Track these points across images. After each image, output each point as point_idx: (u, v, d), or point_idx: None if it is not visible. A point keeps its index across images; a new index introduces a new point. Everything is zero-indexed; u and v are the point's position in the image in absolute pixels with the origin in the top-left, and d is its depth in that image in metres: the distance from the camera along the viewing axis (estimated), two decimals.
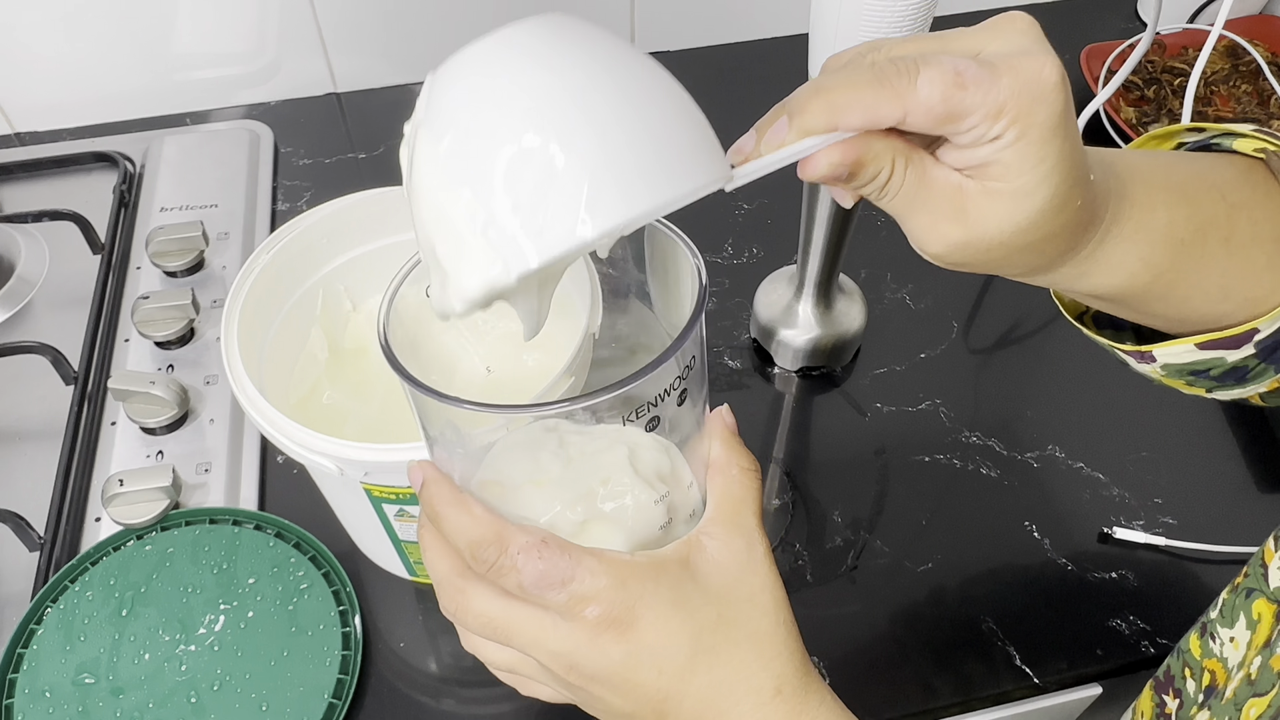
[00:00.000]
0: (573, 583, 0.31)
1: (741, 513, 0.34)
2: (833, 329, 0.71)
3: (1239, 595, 0.40)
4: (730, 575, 0.33)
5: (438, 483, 0.33)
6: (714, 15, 0.99)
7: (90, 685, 0.55)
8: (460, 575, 0.33)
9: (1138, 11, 1.06)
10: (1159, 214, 0.36)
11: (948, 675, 0.58)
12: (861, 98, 0.31)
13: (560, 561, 0.31)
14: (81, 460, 0.66)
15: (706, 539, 0.34)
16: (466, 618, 0.33)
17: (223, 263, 0.78)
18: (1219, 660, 0.40)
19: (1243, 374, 0.40)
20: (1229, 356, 0.39)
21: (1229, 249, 0.37)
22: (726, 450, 0.35)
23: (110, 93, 0.92)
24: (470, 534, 0.32)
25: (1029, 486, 0.67)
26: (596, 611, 0.31)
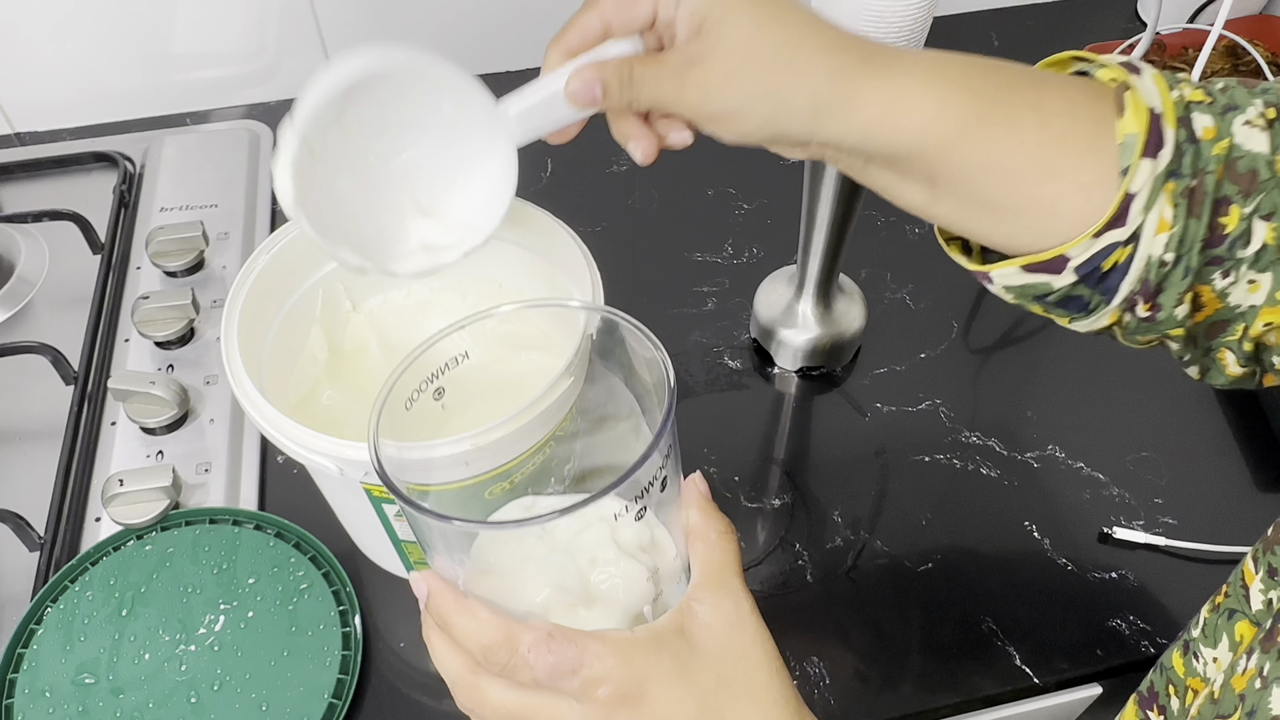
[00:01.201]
0: (583, 669, 0.33)
1: (725, 575, 0.37)
2: (833, 329, 0.71)
3: (1221, 615, 0.40)
4: (723, 636, 0.36)
5: (442, 593, 0.36)
6: None
7: (90, 685, 0.55)
8: (473, 673, 0.35)
9: (1138, 11, 1.06)
10: (952, 67, 0.38)
11: (948, 675, 0.58)
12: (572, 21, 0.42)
13: (569, 651, 0.33)
14: (81, 460, 0.66)
15: (697, 604, 0.36)
16: (485, 711, 0.36)
17: (223, 263, 0.78)
18: (1202, 680, 0.40)
19: (1083, 304, 0.40)
20: (1055, 282, 0.39)
21: (1040, 115, 0.38)
22: (703, 517, 0.38)
23: (110, 93, 0.92)
24: (480, 639, 0.34)
25: (1029, 486, 0.67)
26: (608, 691, 0.34)
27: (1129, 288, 0.38)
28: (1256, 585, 0.38)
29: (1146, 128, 0.36)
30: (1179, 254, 0.37)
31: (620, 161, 0.88)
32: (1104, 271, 0.38)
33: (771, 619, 0.42)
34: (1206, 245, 0.37)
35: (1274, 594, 0.37)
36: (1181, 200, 0.36)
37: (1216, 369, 0.41)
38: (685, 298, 0.78)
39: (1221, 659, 0.39)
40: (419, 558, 0.58)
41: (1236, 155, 0.37)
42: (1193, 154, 0.36)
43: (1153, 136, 0.36)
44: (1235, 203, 0.37)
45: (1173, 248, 0.37)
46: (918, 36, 0.51)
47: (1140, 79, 0.38)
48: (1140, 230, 0.37)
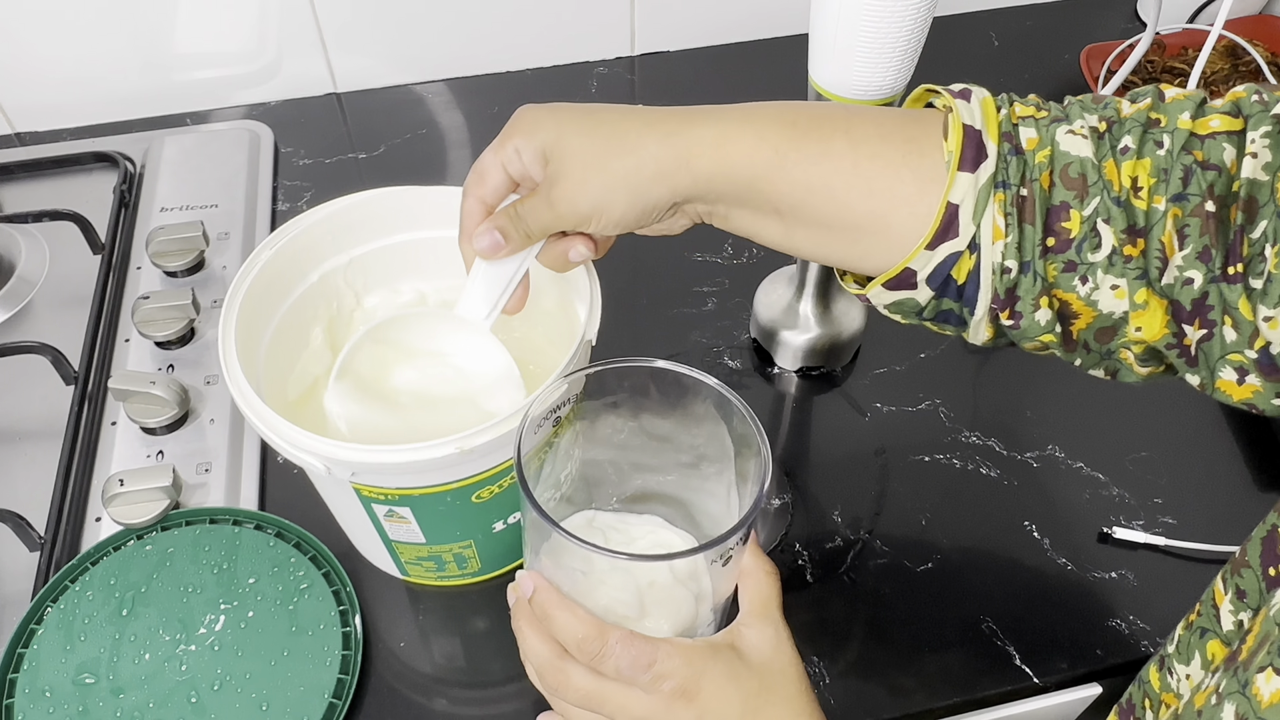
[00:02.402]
0: (655, 664, 0.41)
1: (769, 607, 0.45)
2: (833, 329, 0.71)
3: (1194, 634, 0.40)
4: (766, 654, 0.44)
5: (547, 590, 0.43)
6: (714, 15, 1.00)
7: (90, 685, 0.55)
8: (560, 658, 0.43)
9: (1138, 11, 1.06)
10: (768, 108, 0.44)
11: (948, 675, 0.58)
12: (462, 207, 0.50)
13: (646, 648, 0.41)
14: (82, 460, 0.66)
15: (745, 629, 0.44)
16: (568, 692, 0.43)
17: (223, 263, 0.78)
18: (1176, 696, 0.41)
19: (958, 318, 0.43)
20: (919, 297, 0.43)
21: (849, 139, 0.42)
22: (754, 559, 0.46)
23: (110, 93, 0.92)
24: (578, 632, 0.42)
25: (1029, 486, 0.67)
26: (672, 685, 0.41)
27: (985, 298, 0.41)
28: (1226, 606, 0.39)
29: (960, 143, 0.40)
30: (1021, 260, 0.40)
31: None
32: (960, 285, 0.41)
33: None
34: (1052, 251, 0.40)
35: (1244, 615, 0.38)
36: (1013, 209, 0.39)
37: (1124, 369, 0.44)
38: (685, 298, 0.78)
39: (1194, 676, 0.40)
40: (410, 558, 0.58)
41: (1064, 161, 0.39)
42: (1018, 164, 0.39)
43: (968, 150, 0.40)
44: (1073, 207, 0.39)
45: (1012, 255, 0.40)
46: (918, 36, 0.51)
47: (965, 103, 0.42)
48: (977, 240, 0.40)
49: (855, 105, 0.46)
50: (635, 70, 0.99)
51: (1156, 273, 0.39)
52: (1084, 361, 0.44)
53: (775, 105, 0.44)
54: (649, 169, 0.43)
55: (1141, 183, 0.38)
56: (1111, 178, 0.39)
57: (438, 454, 0.46)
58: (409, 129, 0.93)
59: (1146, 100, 0.40)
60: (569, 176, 0.44)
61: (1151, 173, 0.38)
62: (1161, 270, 0.38)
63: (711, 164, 0.43)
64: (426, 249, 0.62)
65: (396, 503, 0.51)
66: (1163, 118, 0.39)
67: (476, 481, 0.51)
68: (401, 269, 0.63)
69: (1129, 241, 0.38)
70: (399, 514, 0.52)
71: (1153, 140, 0.39)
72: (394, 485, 0.50)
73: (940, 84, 0.44)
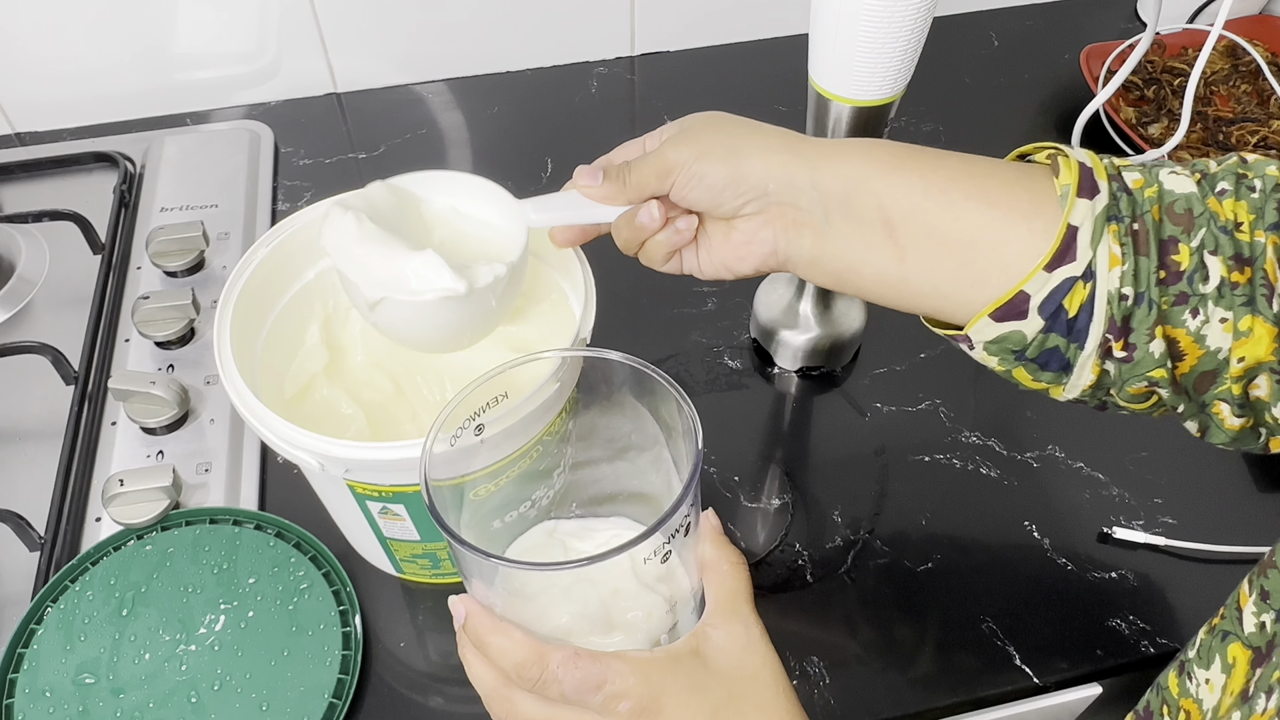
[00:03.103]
0: (606, 685, 0.37)
1: (737, 602, 0.41)
2: (833, 329, 0.71)
3: (1215, 637, 0.40)
4: (734, 657, 0.39)
5: (479, 615, 0.40)
6: (714, 15, 1.00)
7: (90, 685, 0.55)
8: (506, 686, 0.39)
9: (1138, 11, 1.06)
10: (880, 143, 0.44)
11: (948, 675, 0.58)
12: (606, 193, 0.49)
13: (593, 669, 0.37)
14: (82, 460, 0.66)
15: (711, 629, 0.40)
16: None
17: (223, 263, 0.79)
18: (1194, 701, 0.40)
19: (1061, 358, 0.42)
20: (1026, 329, 0.41)
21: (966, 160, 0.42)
22: (716, 550, 0.42)
23: (110, 93, 0.92)
24: (514, 657, 0.38)
25: (1029, 486, 0.67)
26: (628, 705, 0.37)
27: (1099, 328, 0.40)
28: (1250, 608, 0.38)
29: (1078, 177, 0.40)
30: (1137, 290, 0.40)
31: None
32: (1070, 317, 0.40)
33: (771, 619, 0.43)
34: (1165, 282, 0.40)
35: (1266, 617, 0.37)
36: (1127, 239, 0.40)
37: (1215, 425, 0.43)
38: (685, 298, 0.78)
39: (1214, 680, 0.39)
40: (405, 555, 0.58)
41: (1170, 199, 0.40)
42: (1127, 200, 0.40)
43: (1085, 181, 0.40)
44: (1182, 241, 0.40)
45: (1129, 282, 0.39)
46: (918, 37, 0.51)
47: (1071, 150, 0.42)
48: (1094, 266, 0.40)
49: None
50: (635, 70, 0.99)
51: (1264, 299, 0.39)
52: (1183, 408, 0.43)
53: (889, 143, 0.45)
54: (754, 143, 0.44)
55: (1241, 218, 0.39)
56: (1215, 209, 0.40)
57: (435, 451, 0.46)
58: (409, 129, 0.93)
59: (1232, 159, 0.42)
60: (679, 139, 0.45)
61: (1249, 210, 0.39)
62: (1269, 296, 0.39)
63: (821, 155, 0.43)
64: None
65: (390, 499, 0.51)
66: (1249, 171, 0.41)
67: (470, 479, 0.51)
68: None
69: (1236, 268, 0.39)
70: (393, 511, 0.52)
71: (1245, 185, 0.40)
72: (387, 482, 0.50)
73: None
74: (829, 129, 0.57)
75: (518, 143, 0.91)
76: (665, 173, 0.45)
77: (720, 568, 0.41)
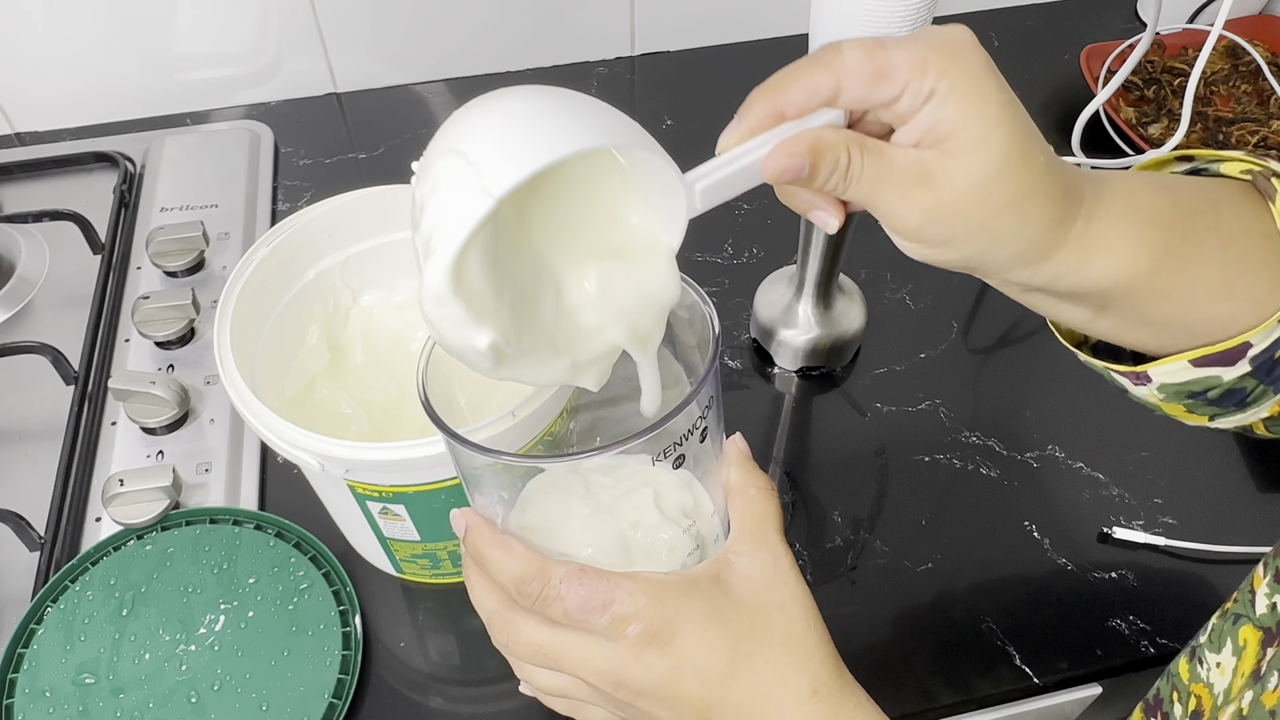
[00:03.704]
0: (613, 605, 0.33)
1: (764, 529, 0.37)
2: (833, 329, 0.71)
3: (1227, 620, 0.40)
4: (760, 587, 0.36)
5: (479, 527, 0.36)
6: (714, 15, 0.99)
7: (90, 685, 0.55)
8: (508, 608, 0.36)
9: (1138, 11, 1.06)
10: (1142, 199, 0.37)
11: (948, 675, 0.58)
12: (796, 76, 0.33)
13: (600, 586, 0.33)
14: (82, 460, 0.66)
15: (734, 556, 0.36)
16: (517, 647, 0.36)
17: (223, 263, 0.78)
18: (1205, 685, 0.40)
19: (1242, 397, 0.40)
20: (1224, 375, 0.38)
21: (1221, 238, 0.37)
22: (743, 474, 0.38)
23: (110, 93, 0.92)
24: (514, 570, 0.34)
25: (1029, 486, 0.67)
26: (638, 629, 0.33)
27: None
28: (1263, 590, 0.38)
29: None
30: None
31: None
32: (1275, 359, 0.37)
33: None
34: None
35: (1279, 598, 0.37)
36: None
37: None
38: None
39: (1225, 663, 0.39)
40: (405, 555, 0.58)
41: None
42: None
43: None
44: None
45: None
46: None
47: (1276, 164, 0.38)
48: None
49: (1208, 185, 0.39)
50: (635, 70, 0.99)
51: None
52: None
53: (1146, 187, 0.37)
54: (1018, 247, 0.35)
55: None
56: None
57: (431, 451, 0.46)
58: (409, 129, 0.93)
59: None
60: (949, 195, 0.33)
61: None
62: None
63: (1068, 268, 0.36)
64: None
65: (390, 500, 0.51)
66: None
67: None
68: (398, 267, 0.63)
69: None
70: (393, 511, 0.52)
71: None
72: (387, 482, 0.50)
73: None
74: None
75: None
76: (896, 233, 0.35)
77: (747, 493, 0.38)
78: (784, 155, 0.33)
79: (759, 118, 0.34)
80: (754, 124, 0.34)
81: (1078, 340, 0.44)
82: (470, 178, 0.31)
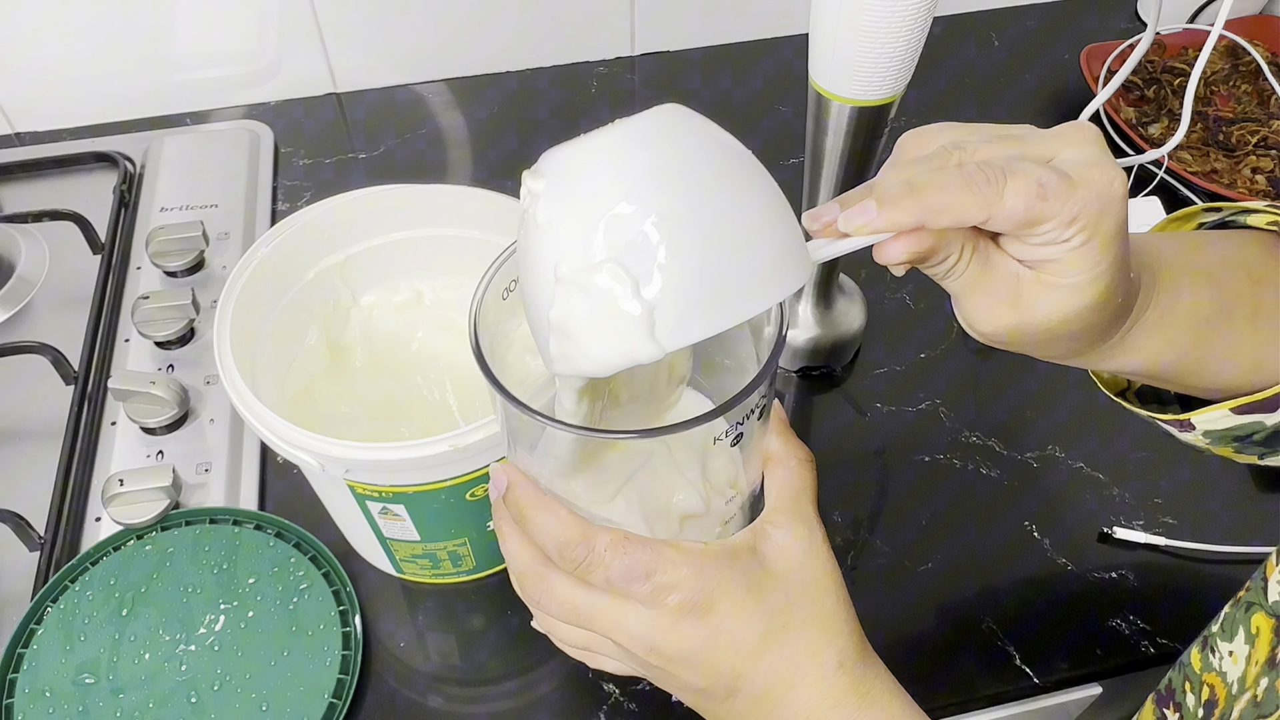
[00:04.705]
0: (656, 574, 0.33)
1: (801, 501, 0.37)
2: (833, 329, 0.71)
3: (1239, 609, 0.40)
4: (796, 560, 0.36)
5: (523, 485, 0.36)
6: (714, 15, 0.99)
7: (90, 685, 0.55)
8: (543, 565, 0.36)
9: (1138, 11, 1.06)
10: (1184, 298, 0.38)
11: (948, 675, 0.58)
12: (952, 202, 0.32)
13: (644, 555, 0.33)
14: (81, 460, 0.66)
15: (771, 528, 0.36)
16: (550, 605, 0.36)
17: (223, 263, 0.78)
18: (1218, 674, 0.40)
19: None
20: (1267, 420, 0.39)
21: (1255, 324, 0.39)
22: (784, 444, 0.38)
23: (110, 93, 0.92)
24: (558, 535, 0.34)
25: (1029, 486, 0.67)
26: (678, 599, 0.34)
27: None
28: (1275, 577, 0.38)
29: None
30: None
31: None
32: None
33: None
34: None
35: None
36: None
37: None
38: None
39: (1238, 652, 0.39)
40: (405, 555, 0.58)
41: None
42: None
43: None
44: None
45: None
46: (918, 36, 0.51)
47: None
48: None
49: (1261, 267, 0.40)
50: (635, 70, 0.99)
51: None
52: None
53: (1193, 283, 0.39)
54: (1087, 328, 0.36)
55: None
56: None
57: (431, 451, 0.46)
58: (409, 129, 0.93)
59: None
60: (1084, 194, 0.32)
61: None
62: None
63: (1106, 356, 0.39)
64: (423, 247, 0.62)
65: (390, 500, 0.51)
66: None
67: (470, 479, 0.51)
68: (398, 267, 0.63)
69: None
70: (393, 511, 0.52)
71: None
72: (387, 482, 0.50)
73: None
74: (829, 129, 0.57)
75: (518, 143, 0.91)
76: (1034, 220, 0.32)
77: (787, 463, 0.38)
78: (908, 253, 0.34)
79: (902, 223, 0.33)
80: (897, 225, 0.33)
81: (1120, 387, 0.46)
82: (640, 319, 0.29)
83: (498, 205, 0.58)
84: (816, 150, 0.59)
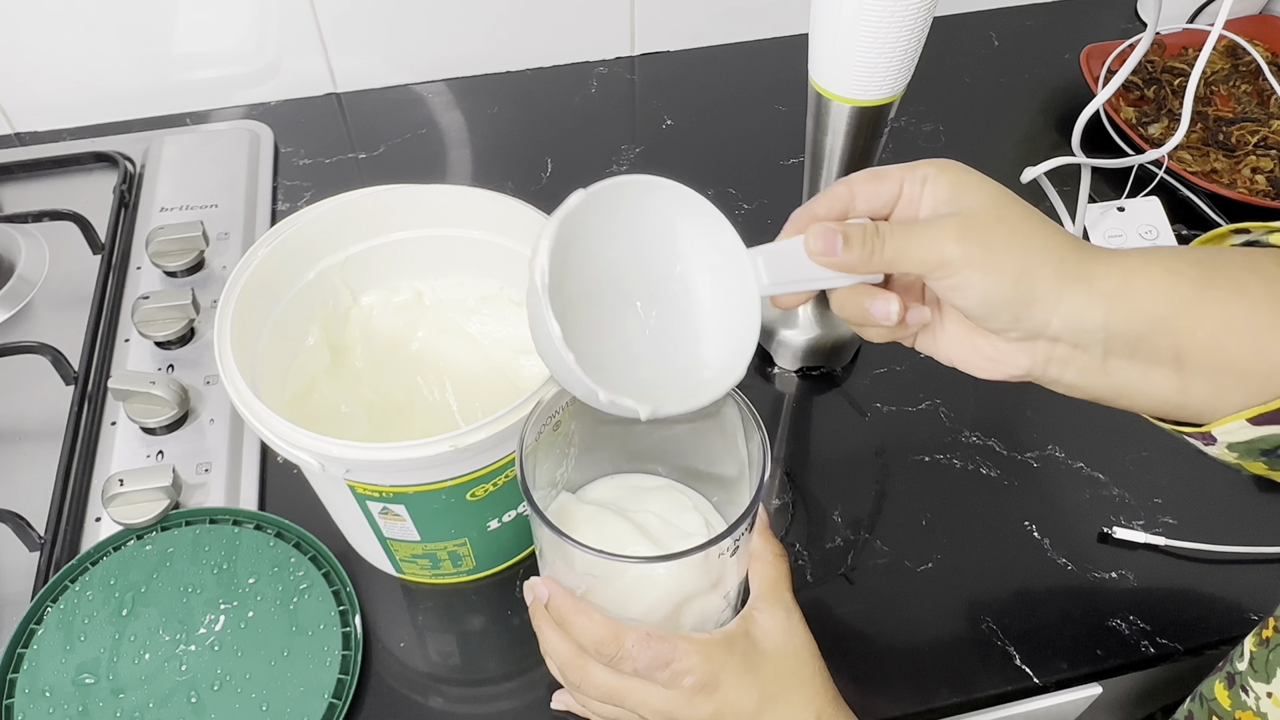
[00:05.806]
0: (674, 662, 0.43)
1: (779, 590, 0.47)
2: (833, 329, 0.71)
3: (1270, 649, 0.40)
4: (779, 639, 0.46)
5: (563, 595, 0.46)
6: (714, 15, 1.00)
7: (90, 685, 0.55)
8: (580, 656, 0.45)
9: (1138, 11, 1.06)
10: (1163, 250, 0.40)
11: (948, 675, 0.58)
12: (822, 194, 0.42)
13: (663, 648, 0.43)
14: (81, 460, 0.66)
15: (757, 613, 0.46)
16: (589, 687, 0.45)
17: (223, 263, 0.79)
18: (1258, 715, 0.41)
19: None
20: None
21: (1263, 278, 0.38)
22: (763, 541, 0.48)
23: (110, 93, 0.92)
24: (593, 635, 0.44)
25: (1029, 486, 0.67)
26: (692, 680, 0.43)
27: None
28: None
29: None
30: None
31: (620, 161, 0.88)
32: None
33: None
34: None
35: None
36: None
37: None
38: None
39: (1276, 693, 0.40)
40: (405, 555, 0.58)
41: None
42: None
43: None
44: None
45: None
46: (918, 36, 0.51)
47: None
48: None
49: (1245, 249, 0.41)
50: (635, 70, 0.99)
51: None
52: None
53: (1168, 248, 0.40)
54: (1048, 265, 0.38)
55: None
56: None
57: (431, 451, 0.46)
58: (409, 129, 0.93)
59: None
60: (963, 229, 0.38)
61: None
62: None
63: (1116, 291, 0.38)
64: (423, 247, 0.62)
65: (391, 500, 0.51)
66: None
67: (470, 480, 0.51)
68: (398, 267, 0.63)
69: None
70: (393, 511, 0.52)
71: None
72: (388, 483, 0.50)
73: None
74: (829, 129, 0.57)
75: (518, 143, 0.91)
76: (934, 265, 0.38)
77: (766, 558, 0.47)
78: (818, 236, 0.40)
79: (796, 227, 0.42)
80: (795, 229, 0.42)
81: None
82: None
83: (498, 205, 0.58)
84: (816, 150, 0.59)
